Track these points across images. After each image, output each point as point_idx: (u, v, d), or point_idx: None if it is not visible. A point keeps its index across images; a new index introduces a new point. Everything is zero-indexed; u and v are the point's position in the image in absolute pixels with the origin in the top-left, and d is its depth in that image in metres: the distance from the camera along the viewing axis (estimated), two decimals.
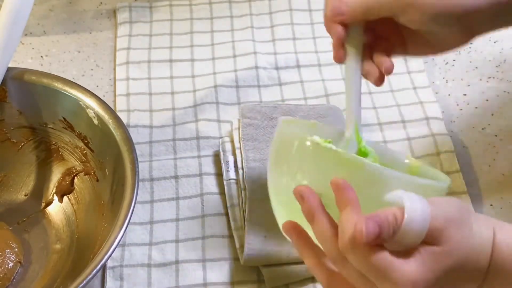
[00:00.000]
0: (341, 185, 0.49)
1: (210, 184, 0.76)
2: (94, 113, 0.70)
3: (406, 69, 0.88)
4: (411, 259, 0.47)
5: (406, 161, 0.62)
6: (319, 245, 0.51)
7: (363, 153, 0.61)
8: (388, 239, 0.46)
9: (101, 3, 0.98)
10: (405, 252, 0.47)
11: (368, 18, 0.61)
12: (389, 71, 0.62)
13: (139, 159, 0.68)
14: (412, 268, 0.46)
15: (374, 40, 0.63)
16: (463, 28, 0.60)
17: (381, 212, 0.47)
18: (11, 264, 0.68)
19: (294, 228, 0.54)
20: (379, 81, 0.62)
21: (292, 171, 0.56)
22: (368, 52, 0.63)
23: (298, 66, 0.88)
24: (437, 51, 0.64)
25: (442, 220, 0.47)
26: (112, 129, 0.69)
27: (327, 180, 0.50)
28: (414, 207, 0.46)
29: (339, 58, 0.62)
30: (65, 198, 0.74)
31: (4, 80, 0.72)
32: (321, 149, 0.53)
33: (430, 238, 0.47)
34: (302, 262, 0.68)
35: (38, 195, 0.75)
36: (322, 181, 0.51)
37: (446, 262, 0.47)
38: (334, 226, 0.49)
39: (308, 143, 0.54)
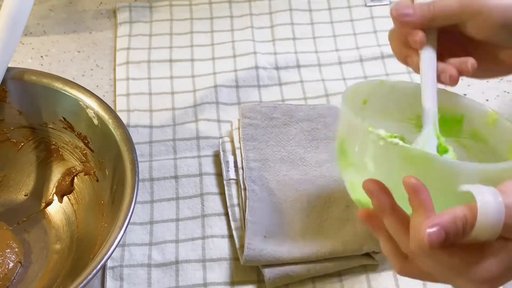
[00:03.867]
0: (413, 186, 0.47)
1: (210, 184, 0.76)
2: (94, 113, 0.70)
3: (406, 69, 0.88)
4: (487, 257, 0.46)
5: (489, 109, 0.59)
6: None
7: (443, 149, 0.58)
8: (461, 239, 0.45)
9: (101, 3, 0.98)
10: (481, 247, 0.46)
11: (436, 24, 0.58)
12: (471, 67, 0.56)
13: (139, 159, 0.68)
14: (488, 268, 0.45)
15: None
16: None
17: (449, 214, 0.45)
18: (11, 264, 0.68)
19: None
20: (455, 80, 0.57)
21: (362, 163, 0.54)
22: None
23: (298, 66, 0.88)
24: (505, 71, 0.60)
25: None
26: (112, 129, 0.69)
27: (398, 176, 0.48)
28: (487, 203, 0.44)
29: (420, 43, 0.57)
30: (65, 198, 0.74)
31: (4, 80, 0.72)
32: (387, 145, 0.50)
33: (507, 233, 0.45)
34: (302, 262, 0.68)
35: (38, 195, 0.75)
36: (393, 177, 0.49)
37: None
38: (406, 223, 0.48)
39: (373, 138, 0.52)
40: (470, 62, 0.57)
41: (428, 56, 0.58)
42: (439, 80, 0.58)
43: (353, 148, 0.55)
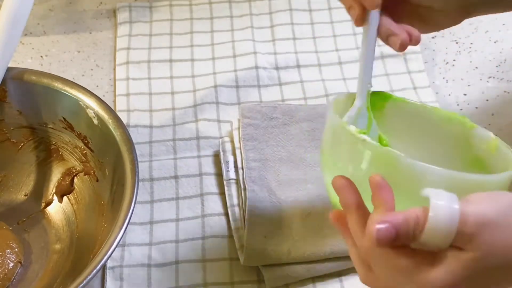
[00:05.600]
0: (377, 183, 0.46)
1: (210, 184, 0.76)
2: (94, 113, 0.70)
3: (406, 69, 0.88)
4: (438, 265, 0.44)
5: (492, 135, 0.57)
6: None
7: (382, 143, 0.58)
8: (411, 241, 0.44)
9: (101, 3, 0.98)
10: (433, 255, 0.44)
11: None
12: (418, 40, 0.57)
13: (139, 159, 0.68)
14: (438, 275, 0.43)
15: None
16: (459, 5, 0.57)
17: (402, 213, 0.44)
18: (11, 264, 0.68)
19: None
20: (403, 46, 0.56)
21: (334, 162, 0.53)
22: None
23: (298, 66, 0.88)
24: (429, 29, 0.61)
25: (474, 223, 0.43)
26: (112, 129, 0.69)
27: (366, 174, 0.47)
28: (439, 206, 0.43)
29: (362, 20, 0.57)
30: (65, 198, 0.74)
31: (4, 80, 0.72)
32: (357, 141, 0.50)
33: (461, 242, 0.43)
34: (302, 262, 0.68)
35: (38, 195, 0.75)
36: (361, 175, 0.49)
37: (477, 269, 0.43)
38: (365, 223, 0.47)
39: (343, 133, 0.51)
40: (414, 35, 0.57)
41: (371, 24, 0.57)
42: (388, 42, 0.57)
43: (328, 147, 0.55)
